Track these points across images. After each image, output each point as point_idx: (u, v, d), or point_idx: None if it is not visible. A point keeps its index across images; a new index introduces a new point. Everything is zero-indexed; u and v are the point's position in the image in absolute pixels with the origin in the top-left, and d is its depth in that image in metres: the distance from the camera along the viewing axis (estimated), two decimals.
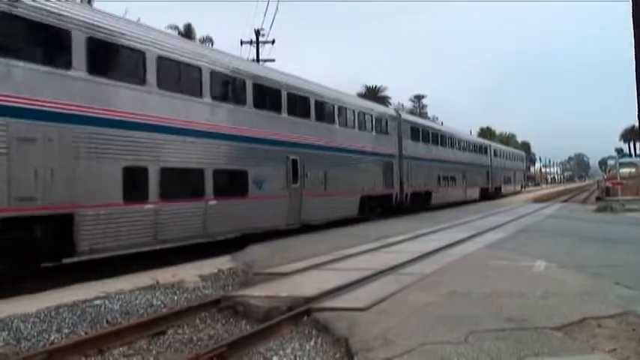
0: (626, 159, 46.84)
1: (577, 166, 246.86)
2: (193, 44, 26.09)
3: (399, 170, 28.01)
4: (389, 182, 26.74)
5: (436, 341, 5.73)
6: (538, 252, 12.24)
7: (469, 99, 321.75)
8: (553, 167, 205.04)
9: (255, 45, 37.00)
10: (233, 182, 16.09)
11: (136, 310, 8.48)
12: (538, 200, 46.85)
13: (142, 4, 48.46)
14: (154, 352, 6.58)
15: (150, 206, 12.92)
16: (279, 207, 17.91)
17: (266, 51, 43.33)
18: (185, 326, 7.63)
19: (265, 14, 74.78)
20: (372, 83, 79.81)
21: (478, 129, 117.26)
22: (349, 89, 33.56)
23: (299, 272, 10.57)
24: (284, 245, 14.87)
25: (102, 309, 8.45)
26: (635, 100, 5.59)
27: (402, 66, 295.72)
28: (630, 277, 8.26)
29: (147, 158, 13.01)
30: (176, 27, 51.71)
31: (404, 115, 32.05)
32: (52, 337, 7.09)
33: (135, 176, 12.64)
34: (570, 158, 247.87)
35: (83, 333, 7.32)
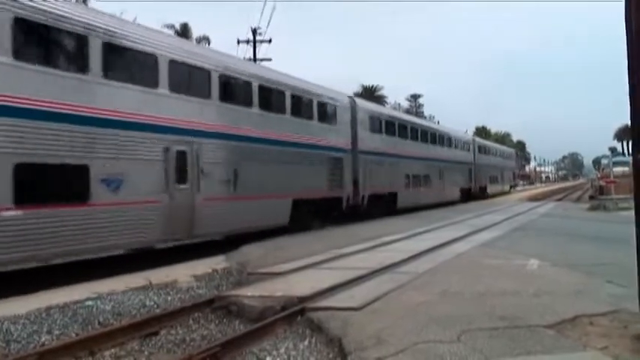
0: (619, 158, 46.83)
1: (571, 165, 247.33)
2: None
3: (353, 168, 23.45)
4: (337, 182, 21.94)
5: (429, 340, 5.72)
6: (531, 250, 12.27)
7: (466, 99, 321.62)
8: (547, 166, 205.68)
9: (252, 44, 37.11)
10: (63, 183, 11.28)
11: (128, 311, 8.44)
12: (532, 199, 47.00)
13: (139, 4, 48.27)
14: (146, 353, 6.56)
15: None
16: (146, 216, 12.91)
17: (263, 50, 43.29)
18: (178, 327, 7.61)
19: (262, 13, 74.81)
20: (369, 83, 79.73)
21: (474, 128, 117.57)
22: (346, 89, 32.39)
23: (293, 272, 10.55)
24: (279, 245, 14.83)
25: (93, 310, 8.41)
26: (628, 100, 5.59)
27: (399, 66, 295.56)
28: (622, 276, 8.25)
29: None
30: (172, 26, 51.46)
31: (360, 102, 26.85)
32: (43, 339, 7.06)
33: None
34: (565, 157, 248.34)
35: (74, 334, 7.28)
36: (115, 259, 13.32)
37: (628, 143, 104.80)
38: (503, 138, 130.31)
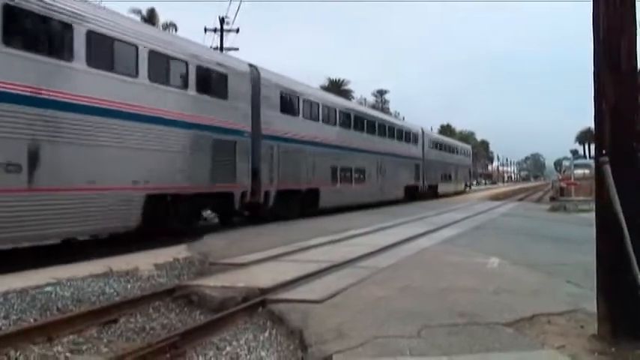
0: (580, 160, 47.79)
1: (533, 166, 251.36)
2: None
3: (253, 156, 18.82)
4: (228, 174, 17.35)
5: (389, 335, 5.75)
6: (492, 249, 12.43)
7: (433, 98, 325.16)
8: (510, 166, 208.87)
9: (219, 33, 36.88)
10: None
11: (88, 298, 8.31)
12: (494, 198, 47.48)
13: None
14: (105, 341, 6.46)
15: None
16: None
17: (230, 39, 43.03)
18: (138, 315, 7.51)
19: (230, 3, 74.02)
20: (336, 77, 79.68)
21: (439, 126, 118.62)
22: (313, 82, 31.68)
23: (255, 263, 10.52)
24: (243, 236, 14.77)
25: (52, 296, 8.24)
26: (592, 103, 5.67)
27: (370, 64, 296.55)
28: (580, 276, 8.43)
29: None
30: (139, 11, 50.83)
31: (268, 74, 20.83)
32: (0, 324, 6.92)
33: None
34: (527, 158, 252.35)
35: (32, 320, 7.13)
36: (76, 246, 13.10)
37: (589, 146, 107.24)
38: (467, 137, 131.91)
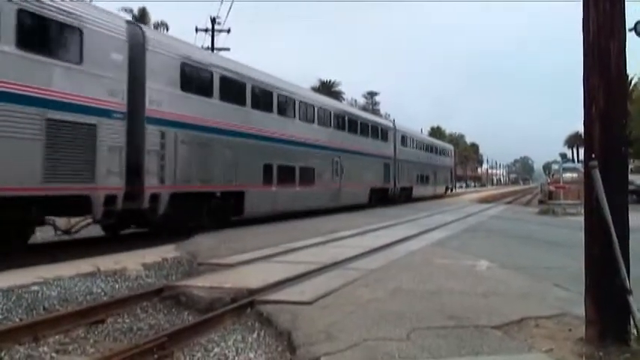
0: (569, 164, 48.05)
1: (522, 169, 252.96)
2: None
3: (128, 146, 13.84)
4: (81, 169, 12.50)
5: (379, 337, 5.74)
6: (481, 252, 12.45)
7: (426, 100, 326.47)
8: (499, 169, 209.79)
9: (210, 33, 36.83)
10: None
11: (75, 298, 8.25)
12: (483, 201, 47.73)
13: None
14: (92, 341, 6.41)
15: None
16: None
17: (221, 39, 43.02)
18: (125, 315, 7.47)
19: (222, 3, 73.58)
20: (327, 78, 79.62)
21: (429, 128, 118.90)
22: (304, 83, 31.02)
23: (244, 264, 10.49)
24: (231, 236, 14.72)
25: (39, 295, 8.18)
26: (581, 107, 5.69)
27: (363, 65, 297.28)
28: (568, 280, 8.46)
29: None
30: (130, 10, 50.80)
31: (156, 36, 16.80)
32: None
33: None
34: (516, 161, 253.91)
35: (18, 319, 7.08)
36: (63, 245, 13.01)
37: (578, 150, 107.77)
38: (457, 139, 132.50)
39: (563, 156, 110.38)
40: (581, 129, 5.89)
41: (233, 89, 18.60)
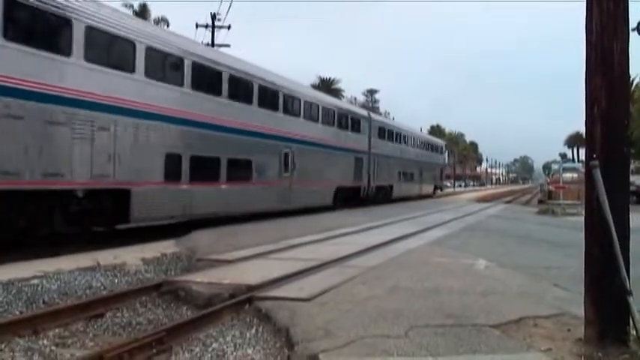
0: (569, 164, 48.12)
1: (521, 169, 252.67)
2: None
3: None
4: None
5: (377, 335, 5.74)
6: (480, 251, 12.45)
7: (426, 99, 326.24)
8: (499, 168, 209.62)
9: (210, 29, 36.81)
10: None
11: (75, 292, 8.27)
12: (482, 200, 47.56)
13: None
14: (91, 335, 6.43)
15: None
16: None
17: (222, 36, 42.99)
18: (124, 310, 7.48)
19: (221, 1, 73.21)
20: (327, 75, 79.28)
21: (429, 127, 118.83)
22: (303, 80, 30.47)
23: (243, 260, 10.49)
24: (230, 232, 14.72)
25: (39, 288, 8.21)
26: (582, 107, 5.68)
27: (364, 64, 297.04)
28: (567, 279, 8.47)
29: None
30: (131, 6, 50.65)
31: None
32: None
33: None
34: (516, 160, 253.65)
35: (18, 312, 7.10)
36: (63, 239, 13.00)
37: (578, 150, 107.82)
38: (457, 138, 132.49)
39: (563, 156, 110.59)
40: (581, 129, 5.92)
41: (116, 51, 13.88)
